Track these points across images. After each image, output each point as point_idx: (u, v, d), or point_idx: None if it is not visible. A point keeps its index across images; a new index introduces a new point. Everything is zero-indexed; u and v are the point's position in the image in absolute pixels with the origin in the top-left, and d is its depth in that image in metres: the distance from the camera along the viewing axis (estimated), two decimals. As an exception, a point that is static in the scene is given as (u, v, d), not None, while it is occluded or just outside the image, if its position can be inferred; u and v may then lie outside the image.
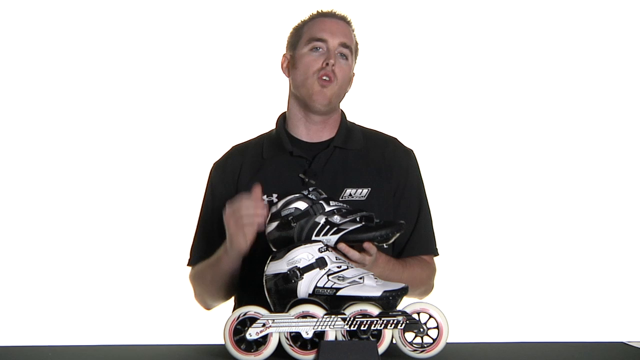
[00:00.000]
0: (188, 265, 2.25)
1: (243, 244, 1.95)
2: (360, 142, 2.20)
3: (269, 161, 2.18)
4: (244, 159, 2.21)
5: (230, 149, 2.27)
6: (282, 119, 2.23)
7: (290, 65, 2.18)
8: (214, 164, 2.26)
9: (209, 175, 2.25)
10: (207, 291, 2.18)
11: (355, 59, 2.21)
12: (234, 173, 2.20)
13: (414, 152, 2.25)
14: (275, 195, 2.12)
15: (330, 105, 2.14)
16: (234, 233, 1.95)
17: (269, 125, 2.27)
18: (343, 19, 2.19)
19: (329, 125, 2.19)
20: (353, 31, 2.20)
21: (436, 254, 2.23)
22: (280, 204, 1.87)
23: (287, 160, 2.16)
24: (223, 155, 2.26)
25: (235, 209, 1.94)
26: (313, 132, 2.19)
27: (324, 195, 1.87)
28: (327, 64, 2.10)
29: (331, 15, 2.18)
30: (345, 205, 1.88)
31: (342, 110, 2.24)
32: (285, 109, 2.24)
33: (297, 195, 1.87)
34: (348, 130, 2.21)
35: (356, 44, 2.20)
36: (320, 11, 2.20)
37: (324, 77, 2.11)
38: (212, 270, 2.11)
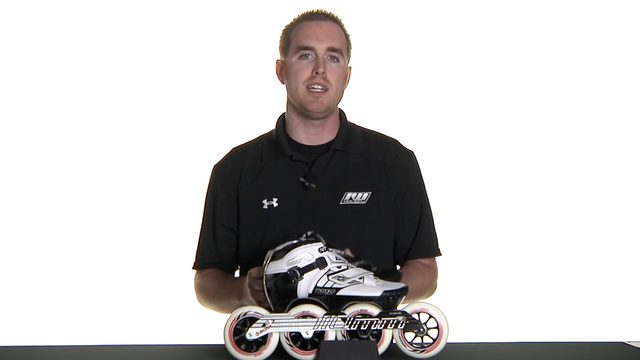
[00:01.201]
0: (193, 268, 2.25)
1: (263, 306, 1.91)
2: (361, 145, 2.18)
3: (268, 165, 2.17)
4: (244, 162, 2.20)
5: (230, 151, 2.25)
6: (282, 121, 2.21)
7: (284, 72, 2.16)
8: (214, 166, 2.25)
9: (209, 179, 2.24)
10: (214, 310, 2.19)
11: (349, 53, 2.17)
12: (234, 176, 2.19)
13: (415, 153, 2.24)
14: (275, 200, 2.12)
15: (328, 111, 2.13)
16: (254, 298, 1.92)
17: (268, 125, 2.26)
18: (329, 18, 2.15)
19: (328, 128, 2.18)
20: (342, 27, 2.16)
21: (439, 254, 2.22)
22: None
23: (287, 164, 2.15)
24: (223, 158, 2.25)
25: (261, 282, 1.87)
26: (313, 135, 2.17)
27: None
28: (316, 73, 2.08)
29: (316, 17, 2.14)
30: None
31: (341, 111, 2.22)
32: (285, 110, 2.23)
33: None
34: (348, 132, 2.19)
35: (347, 37, 2.16)
36: (306, 12, 2.16)
37: (315, 87, 2.09)
38: (222, 301, 2.12)
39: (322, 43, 2.10)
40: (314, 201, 2.12)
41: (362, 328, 1.74)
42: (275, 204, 2.12)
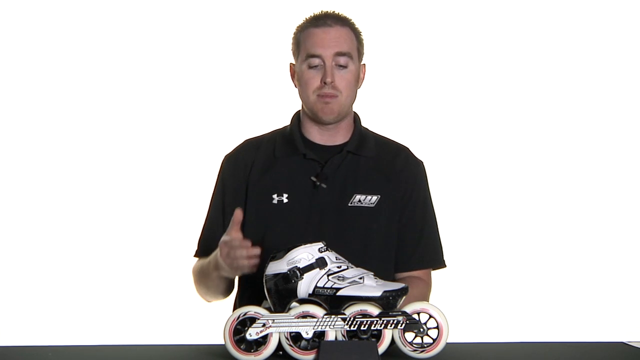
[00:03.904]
0: (196, 256, 2.23)
1: (237, 274, 2.00)
2: (373, 149, 2.18)
3: (280, 160, 2.17)
4: (257, 154, 2.19)
5: (243, 142, 2.24)
6: (297, 119, 2.20)
7: (296, 77, 2.16)
8: (226, 156, 2.23)
9: (220, 168, 2.23)
10: (206, 292, 2.19)
11: (361, 52, 2.15)
12: (245, 167, 2.17)
13: (424, 164, 2.23)
14: (285, 195, 2.13)
15: (339, 116, 2.13)
16: (229, 267, 1.94)
17: (276, 123, 2.26)
18: (336, 22, 2.11)
19: (342, 129, 2.18)
20: (352, 26, 2.14)
21: (443, 265, 2.21)
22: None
23: (300, 161, 2.15)
24: (235, 148, 2.23)
25: (231, 249, 1.91)
26: (327, 136, 2.17)
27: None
28: (325, 83, 2.08)
29: (322, 23, 2.10)
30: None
31: (356, 114, 2.22)
32: (300, 108, 2.21)
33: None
34: (362, 136, 2.19)
35: (357, 37, 2.14)
36: (313, 16, 2.13)
37: (325, 97, 2.09)
38: (208, 279, 2.11)
39: (328, 49, 2.08)
40: (323, 201, 2.11)
41: (362, 328, 1.74)
42: (285, 200, 2.12)
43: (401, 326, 1.75)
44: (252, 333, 1.76)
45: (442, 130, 3.54)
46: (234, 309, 2.19)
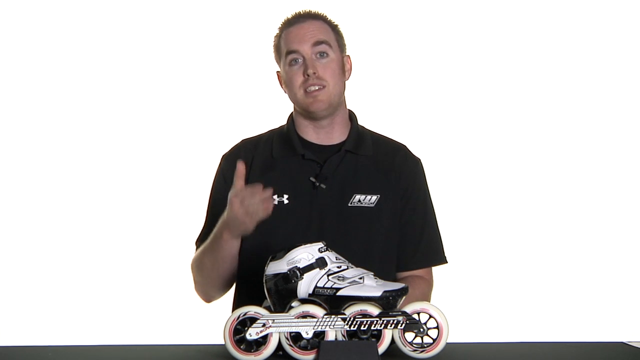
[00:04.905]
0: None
1: (250, 227, 1.95)
2: (371, 148, 2.19)
3: (279, 161, 2.17)
4: (255, 154, 2.19)
5: (241, 142, 2.24)
6: (292, 119, 2.21)
7: (283, 82, 2.18)
8: (224, 155, 2.23)
9: (218, 167, 2.23)
10: (208, 278, 2.16)
11: (341, 42, 2.17)
12: (246, 166, 2.18)
13: (422, 161, 2.24)
14: (286, 196, 2.12)
15: (331, 107, 2.13)
16: (243, 217, 1.93)
17: (274, 120, 2.25)
18: (308, 17, 2.15)
19: (337, 127, 2.18)
20: (325, 19, 2.16)
21: (444, 262, 2.22)
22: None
23: (299, 162, 2.16)
24: (233, 147, 2.24)
25: (244, 198, 1.91)
26: (323, 135, 2.18)
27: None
28: (308, 75, 2.09)
29: (295, 21, 2.15)
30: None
31: (352, 113, 2.23)
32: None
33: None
34: (359, 135, 2.20)
35: (333, 28, 2.16)
36: (286, 20, 2.17)
37: (311, 89, 2.10)
38: (212, 255, 2.10)
39: (304, 43, 2.11)
40: (323, 202, 2.12)
41: (362, 328, 1.74)
42: (286, 201, 2.12)
43: (401, 326, 1.75)
44: (252, 333, 1.76)
45: (438, 127, 3.54)
46: (234, 309, 2.19)
